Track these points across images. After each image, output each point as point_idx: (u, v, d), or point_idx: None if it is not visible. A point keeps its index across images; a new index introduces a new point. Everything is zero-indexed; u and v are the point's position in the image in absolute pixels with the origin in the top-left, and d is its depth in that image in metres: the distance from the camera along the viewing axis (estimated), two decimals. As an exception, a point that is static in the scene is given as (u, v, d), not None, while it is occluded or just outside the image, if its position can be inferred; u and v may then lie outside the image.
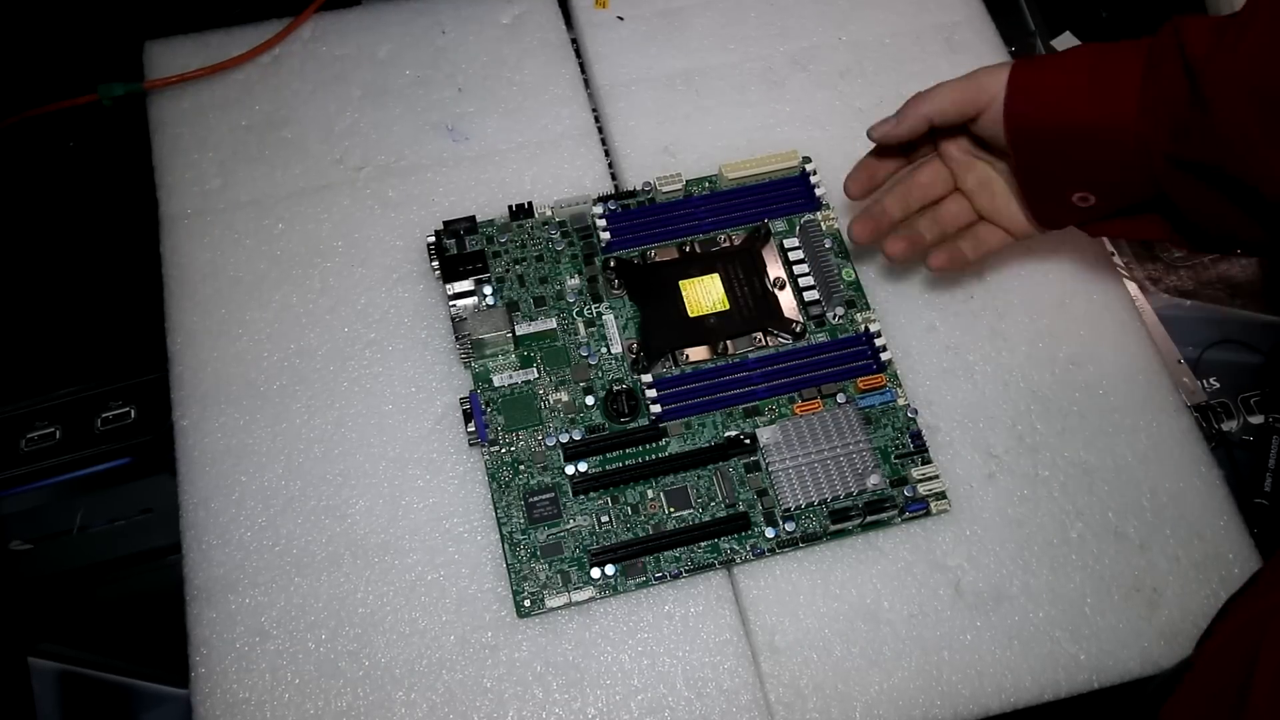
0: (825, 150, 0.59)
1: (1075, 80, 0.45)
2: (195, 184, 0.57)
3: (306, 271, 0.55)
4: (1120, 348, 0.55)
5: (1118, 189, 0.47)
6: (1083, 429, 0.53)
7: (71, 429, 0.53)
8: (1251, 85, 0.40)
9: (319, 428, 0.52)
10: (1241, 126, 0.41)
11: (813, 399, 0.52)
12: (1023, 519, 0.51)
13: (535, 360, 0.53)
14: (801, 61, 0.63)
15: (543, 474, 0.50)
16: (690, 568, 0.49)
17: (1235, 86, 0.41)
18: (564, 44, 0.63)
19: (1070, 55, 0.47)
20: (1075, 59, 0.46)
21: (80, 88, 0.60)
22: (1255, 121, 0.41)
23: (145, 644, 0.51)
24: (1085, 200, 0.47)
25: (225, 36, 0.61)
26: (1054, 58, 0.46)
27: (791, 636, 0.48)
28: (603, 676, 0.47)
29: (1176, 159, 0.44)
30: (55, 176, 0.61)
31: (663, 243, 0.56)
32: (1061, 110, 0.45)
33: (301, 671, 0.47)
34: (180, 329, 0.54)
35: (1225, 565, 0.51)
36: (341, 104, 0.60)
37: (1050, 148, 0.46)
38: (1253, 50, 0.41)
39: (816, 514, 0.50)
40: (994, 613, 0.49)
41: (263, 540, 0.49)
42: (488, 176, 0.58)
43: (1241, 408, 0.57)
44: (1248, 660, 0.36)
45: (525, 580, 0.48)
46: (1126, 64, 0.44)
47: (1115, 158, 0.45)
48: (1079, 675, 0.48)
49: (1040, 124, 0.46)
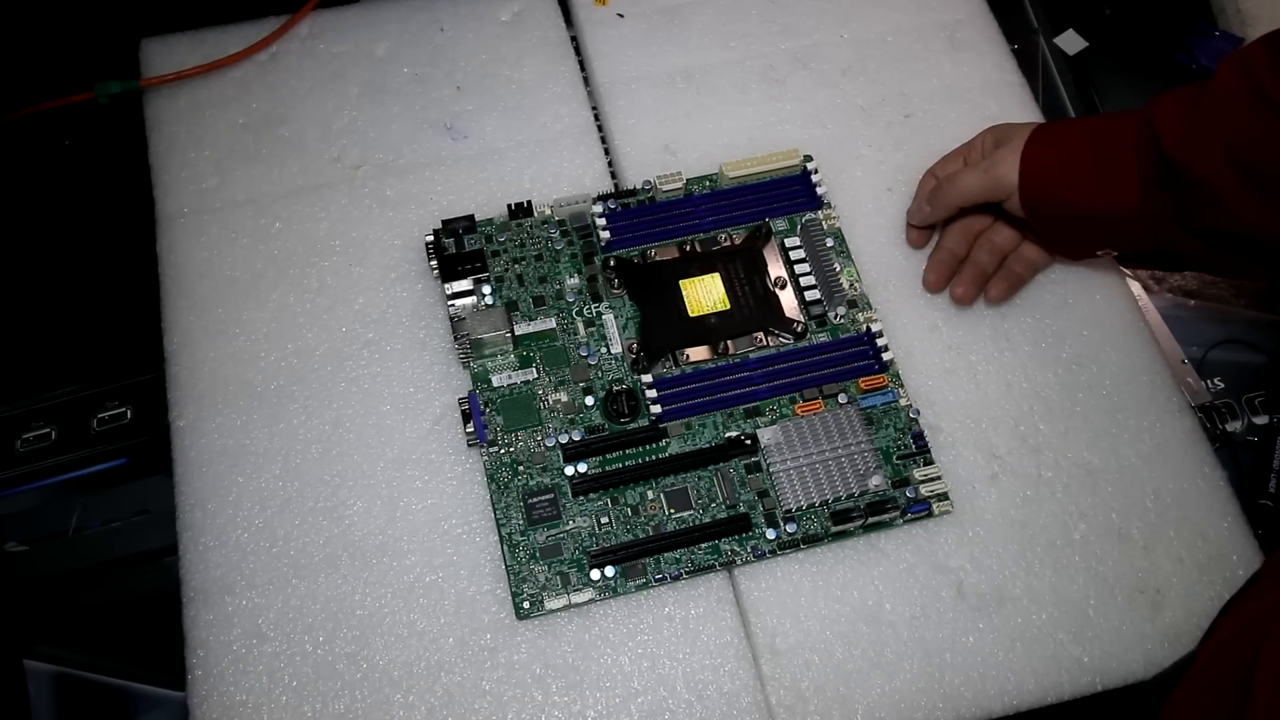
0: (827, 149, 0.59)
1: (1080, 170, 0.49)
2: (192, 183, 0.57)
3: (304, 271, 0.55)
4: (1124, 348, 0.55)
5: (1133, 248, 0.52)
6: (1086, 430, 0.53)
7: (67, 429, 0.53)
8: (1228, 158, 0.44)
9: (316, 428, 0.51)
10: (1232, 194, 0.44)
11: (814, 399, 0.52)
12: (1025, 520, 0.51)
13: (534, 360, 0.52)
14: (803, 59, 0.62)
15: (542, 475, 0.50)
16: (691, 569, 0.48)
17: (1215, 163, 0.44)
18: (563, 41, 0.63)
19: (1073, 134, 0.51)
20: (1078, 141, 0.50)
21: (76, 86, 0.59)
22: (1247, 190, 0.43)
23: (142, 646, 0.50)
24: (1108, 253, 0.54)
25: (222, 34, 0.61)
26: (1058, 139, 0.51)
27: (793, 638, 0.48)
28: (602, 679, 0.47)
29: (1186, 228, 0.47)
30: (51, 175, 0.60)
31: (663, 242, 0.55)
32: (1072, 199, 0.50)
33: (299, 674, 0.46)
34: (177, 329, 0.53)
35: (1229, 567, 0.50)
36: (339, 102, 0.60)
37: (1069, 226, 0.51)
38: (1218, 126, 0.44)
39: (818, 515, 0.50)
40: (996, 614, 0.49)
41: (260, 542, 0.49)
42: (486, 175, 0.58)
43: (1246, 408, 0.56)
44: (1248, 659, 0.36)
45: (524, 582, 0.48)
46: (1123, 148, 0.48)
47: (1129, 233, 0.50)
48: (1082, 677, 0.48)
49: (1055, 211, 0.50)
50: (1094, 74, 0.66)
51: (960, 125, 0.58)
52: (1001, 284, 0.55)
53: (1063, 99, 0.65)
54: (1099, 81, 0.66)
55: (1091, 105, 0.65)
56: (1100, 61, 0.66)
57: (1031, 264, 0.56)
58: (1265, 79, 0.43)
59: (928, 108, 0.61)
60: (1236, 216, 0.44)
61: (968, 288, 0.55)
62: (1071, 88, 0.65)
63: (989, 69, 0.63)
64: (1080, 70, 0.66)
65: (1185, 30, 0.66)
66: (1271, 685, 0.35)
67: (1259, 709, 0.34)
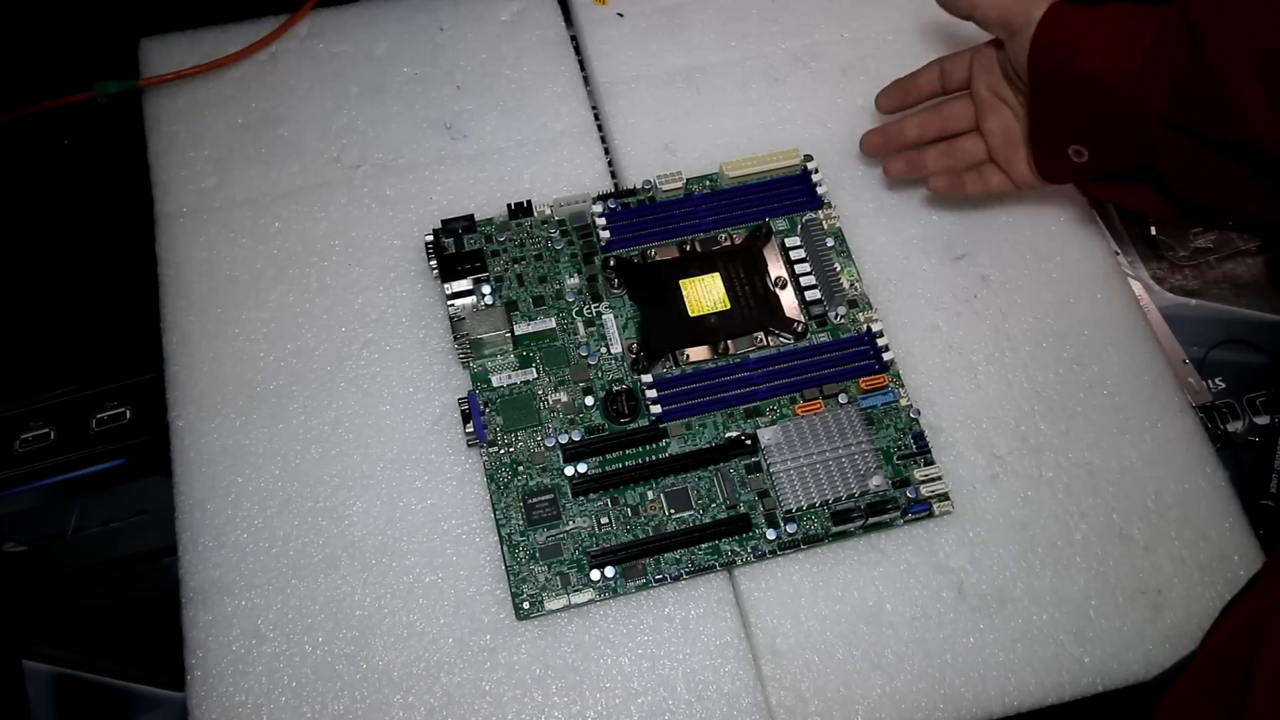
0: (827, 148, 0.58)
1: (1099, 33, 0.47)
2: (191, 182, 0.57)
3: (303, 271, 0.55)
4: (1124, 348, 0.55)
5: (1110, 148, 0.48)
6: (1087, 430, 0.53)
7: (66, 429, 0.53)
8: (1252, 46, 0.41)
9: (316, 428, 0.51)
10: (1241, 87, 0.42)
11: (814, 399, 0.52)
12: (1026, 520, 0.51)
13: (534, 360, 0.52)
14: (803, 58, 0.62)
15: (542, 475, 0.50)
16: (691, 570, 0.48)
17: (1235, 47, 0.42)
18: (563, 41, 0.63)
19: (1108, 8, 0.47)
20: (1110, 13, 0.47)
21: (75, 85, 0.59)
22: (1255, 81, 0.41)
23: (140, 647, 0.50)
24: (1080, 155, 0.49)
25: (221, 33, 0.61)
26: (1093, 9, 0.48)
27: (793, 639, 0.48)
28: (602, 680, 0.47)
29: (1170, 121, 0.45)
30: (50, 175, 0.60)
31: (663, 241, 0.55)
32: (1075, 56, 0.47)
33: (298, 674, 0.46)
34: (176, 328, 0.53)
35: (1230, 567, 0.50)
36: (338, 102, 0.60)
37: (1059, 90, 0.48)
38: (1253, 10, 0.42)
39: (818, 515, 0.49)
40: (997, 615, 0.49)
41: (259, 542, 0.49)
42: (486, 175, 0.58)
43: (1247, 408, 0.56)
44: (1247, 658, 0.36)
45: (524, 582, 0.48)
46: (1144, 25, 0.46)
47: (1111, 113, 0.47)
48: (1083, 678, 0.48)
49: (1055, 65, 0.48)
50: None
51: (961, 124, 0.58)
52: (944, 179, 0.52)
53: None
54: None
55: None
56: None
57: (984, 182, 0.54)
58: None
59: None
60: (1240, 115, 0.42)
61: (903, 167, 0.52)
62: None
63: (990, 68, 0.62)
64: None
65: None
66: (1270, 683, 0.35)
67: (1257, 707, 0.34)
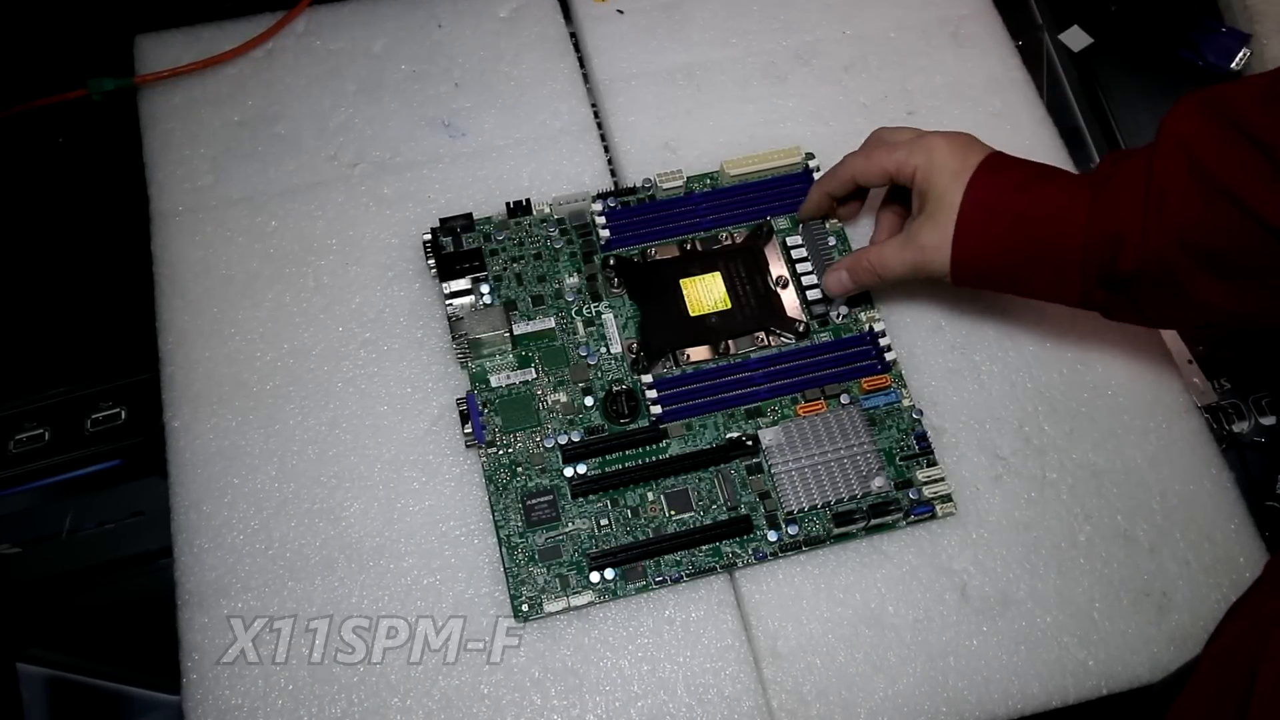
0: (829, 146, 0.58)
1: (1018, 268, 0.47)
2: (187, 180, 0.56)
3: (300, 270, 0.54)
4: (1129, 347, 0.55)
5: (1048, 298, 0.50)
6: (1091, 430, 0.52)
7: (61, 430, 0.52)
8: (1185, 247, 0.43)
9: (313, 429, 0.51)
10: (1196, 282, 0.43)
11: (816, 400, 0.51)
12: (1030, 522, 0.50)
13: (533, 360, 0.52)
14: (805, 56, 0.62)
15: (541, 476, 0.49)
16: (691, 572, 0.48)
17: (1171, 253, 0.43)
18: (563, 38, 0.62)
19: (1005, 217, 0.46)
20: (1017, 233, 0.46)
21: (70, 82, 0.59)
22: (1207, 274, 0.43)
23: (136, 649, 0.50)
24: None
25: (217, 30, 0.60)
26: (989, 221, 0.47)
27: (794, 642, 0.47)
28: (602, 682, 0.47)
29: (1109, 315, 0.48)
30: (44, 173, 0.60)
31: (663, 240, 0.55)
32: (1008, 289, 0.49)
33: (295, 678, 0.46)
34: (171, 328, 0.53)
35: (1236, 569, 0.50)
36: (336, 99, 0.59)
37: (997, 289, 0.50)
38: (1176, 219, 0.42)
39: (820, 517, 0.49)
40: (1001, 617, 0.48)
41: (255, 544, 0.48)
42: (485, 173, 0.58)
43: (1253, 408, 0.56)
44: (1252, 662, 0.36)
45: (523, 584, 0.47)
46: (1067, 250, 0.45)
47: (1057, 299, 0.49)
48: (1087, 681, 0.48)
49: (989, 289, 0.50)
50: (1099, 70, 0.65)
51: (964, 122, 0.57)
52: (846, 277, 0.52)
53: (1067, 95, 0.64)
54: (1104, 78, 0.65)
55: (1096, 102, 0.64)
56: (1105, 58, 0.66)
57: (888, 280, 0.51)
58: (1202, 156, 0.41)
59: (931, 104, 0.60)
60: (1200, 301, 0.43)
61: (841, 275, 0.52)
62: (1076, 84, 0.65)
63: (993, 65, 0.62)
64: (1085, 67, 0.66)
65: (1191, 26, 0.65)
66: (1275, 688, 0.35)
67: (1262, 712, 0.34)
